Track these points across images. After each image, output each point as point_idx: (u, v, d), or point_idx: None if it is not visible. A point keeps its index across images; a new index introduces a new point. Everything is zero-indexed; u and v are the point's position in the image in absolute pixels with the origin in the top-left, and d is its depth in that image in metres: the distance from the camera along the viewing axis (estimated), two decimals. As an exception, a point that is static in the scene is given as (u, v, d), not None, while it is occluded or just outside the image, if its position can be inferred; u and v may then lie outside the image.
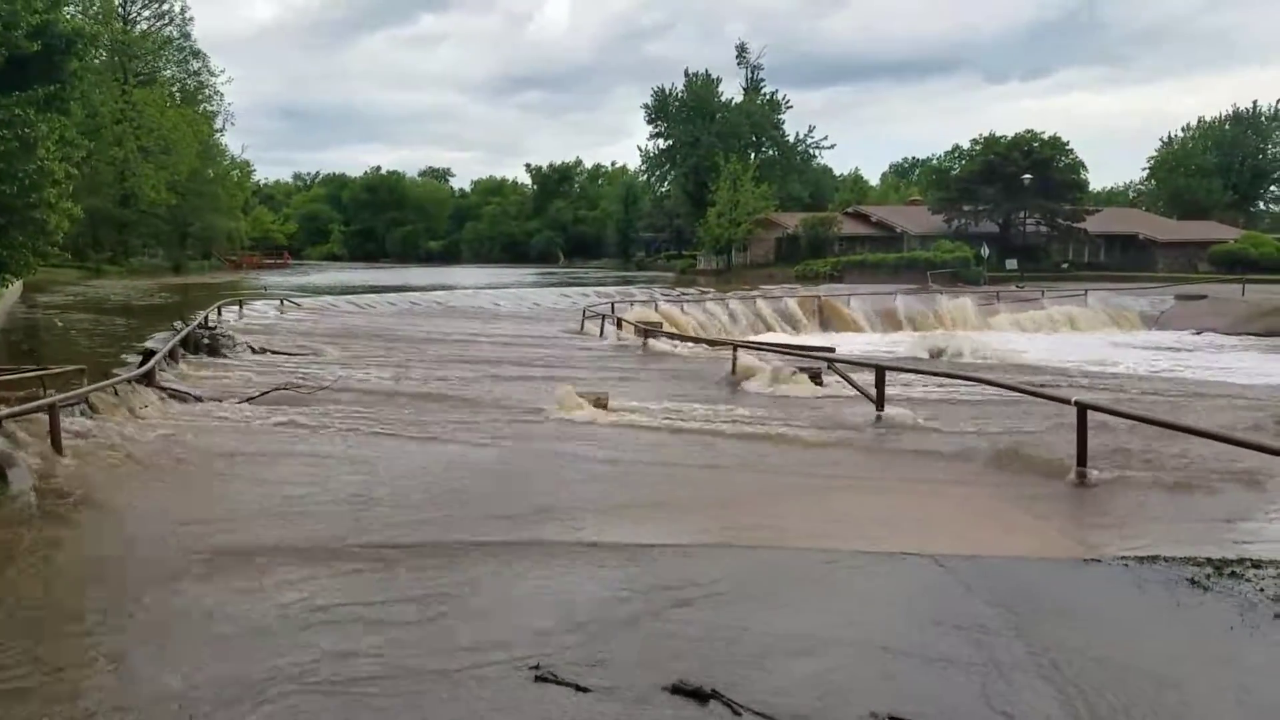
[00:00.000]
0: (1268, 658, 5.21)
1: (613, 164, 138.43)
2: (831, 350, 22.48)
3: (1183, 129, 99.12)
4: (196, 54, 74.09)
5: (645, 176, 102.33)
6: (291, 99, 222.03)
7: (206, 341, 20.51)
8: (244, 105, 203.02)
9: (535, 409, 13.96)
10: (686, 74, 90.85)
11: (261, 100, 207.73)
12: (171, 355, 17.08)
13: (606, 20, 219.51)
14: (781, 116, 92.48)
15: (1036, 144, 66.72)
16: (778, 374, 17.26)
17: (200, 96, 75.03)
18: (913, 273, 56.37)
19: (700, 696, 4.68)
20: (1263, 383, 22.29)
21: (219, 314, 27.51)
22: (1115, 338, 38.10)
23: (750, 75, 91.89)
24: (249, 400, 14.06)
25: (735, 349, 19.70)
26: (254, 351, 20.94)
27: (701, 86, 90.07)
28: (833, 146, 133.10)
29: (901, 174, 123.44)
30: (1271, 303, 41.68)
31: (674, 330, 29.97)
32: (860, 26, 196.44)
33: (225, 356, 19.89)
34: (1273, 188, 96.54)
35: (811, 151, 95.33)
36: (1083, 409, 10.04)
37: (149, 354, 16.20)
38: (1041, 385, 14.97)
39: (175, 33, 72.08)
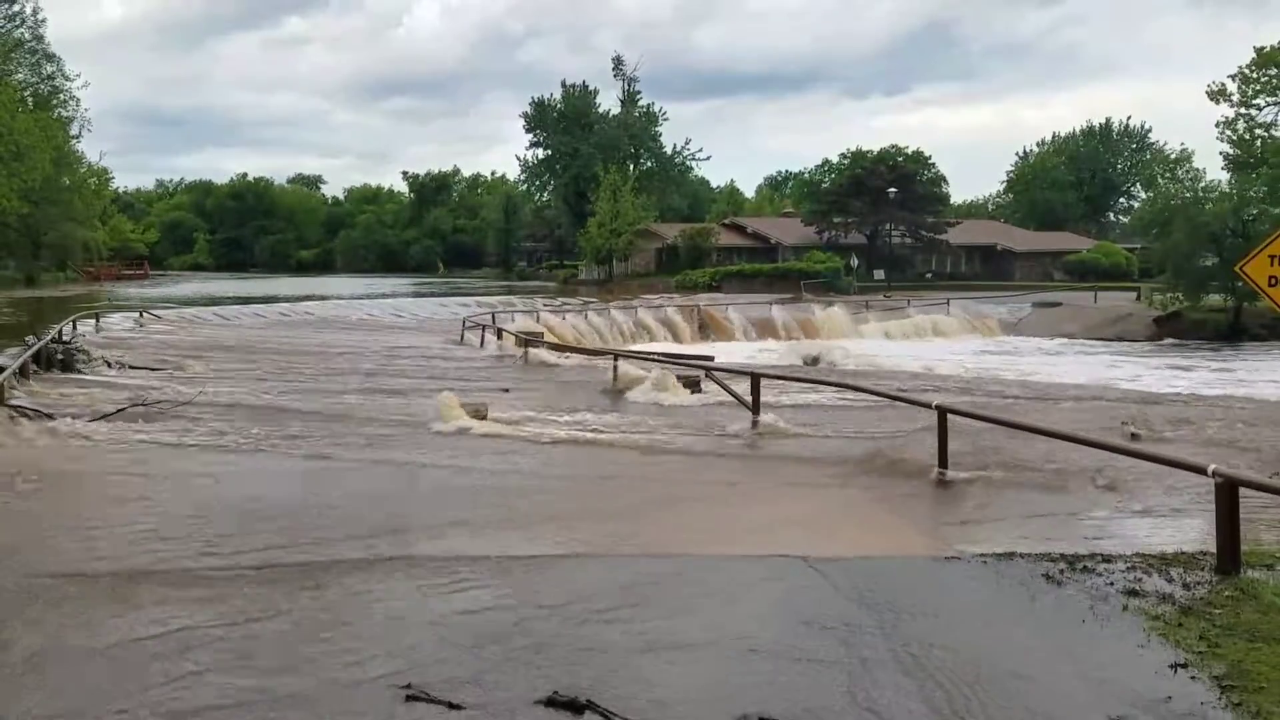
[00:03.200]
0: (1117, 647, 5.46)
1: (492, 173, 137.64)
2: (710, 359, 22.76)
3: (1038, 144, 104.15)
4: (50, 57, 70.60)
5: (525, 186, 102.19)
6: (148, 103, 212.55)
7: (60, 357, 19.54)
8: (97, 110, 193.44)
9: (411, 422, 13.73)
10: (564, 85, 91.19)
11: (115, 104, 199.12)
12: (22, 372, 16.21)
13: (475, 26, 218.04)
14: (659, 129, 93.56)
15: (901, 158, 69.31)
16: (657, 383, 17.39)
17: (55, 101, 71.42)
18: (787, 283, 57.73)
19: (575, 708, 4.65)
20: (1114, 385, 23.55)
21: (74, 328, 26.23)
22: (976, 344, 39.75)
23: (627, 87, 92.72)
24: (104, 417, 13.43)
25: (616, 358, 19.78)
26: (111, 367, 20.04)
27: (579, 98, 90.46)
28: (708, 158, 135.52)
29: (775, 186, 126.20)
30: (1122, 309, 44.11)
31: (555, 340, 29.91)
32: (728, 41, 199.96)
33: (81, 372, 18.98)
34: (1122, 199, 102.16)
35: (689, 163, 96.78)
36: (943, 412, 10.41)
37: (-4, 370, 15.32)
38: (906, 390, 15.47)
39: (27, 35, 68.56)
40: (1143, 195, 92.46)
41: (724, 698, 4.80)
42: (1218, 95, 51.54)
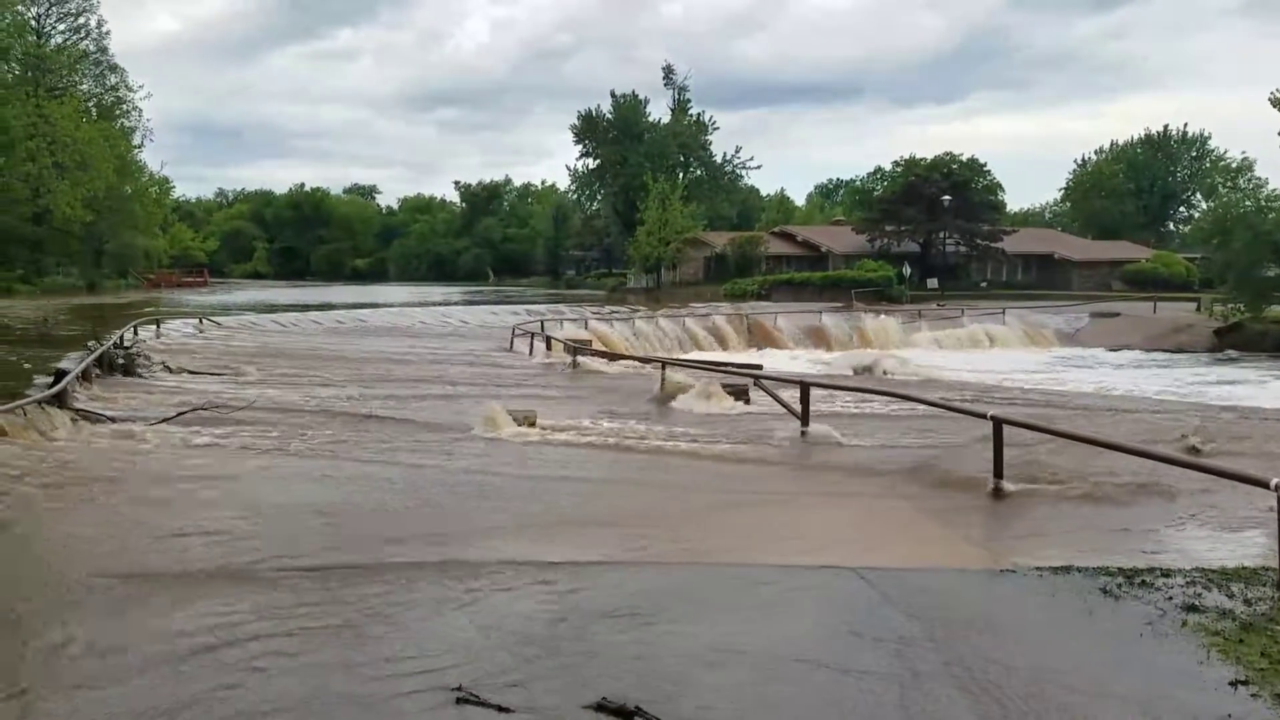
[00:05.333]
0: (1176, 663, 5.36)
1: (542, 182, 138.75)
2: (759, 368, 22.68)
3: (1095, 152, 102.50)
4: (114, 69, 72.56)
5: (575, 195, 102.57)
6: (207, 114, 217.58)
7: (122, 362, 19.95)
8: (158, 120, 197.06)
9: (461, 428, 13.83)
10: (613, 95, 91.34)
11: (171, 115, 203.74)
12: (85, 376, 16.56)
13: (523, 39, 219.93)
14: (708, 137, 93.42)
15: (955, 166, 68.49)
16: (705, 391, 17.35)
17: (118, 112, 73.28)
18: (838, 291, 57.27)
19: (623, 714, 4.66)
20: (1174, 397, 23.06)
21: (135, 333, 26.80)
22: (1033, 355, 39.12)
23: (677, 96, 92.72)
24: (164, 421, 13.70)
25: (664, 367, 19.75)
26: (171, 371, 20.43)
27: (628, 107, 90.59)
28: (759, 167, 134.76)
29: (826, 194, 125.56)
30: (1182, 320, 43.16)
31: (604, 348, 29.98)
32: (777, 50, 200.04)
33: (141, 377, 19.37)
34: (1182, 209, 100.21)
35: (738, 172, 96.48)
36: (998, 423, 10.26)
37: (61, 374, 15.68)
38: (960, 401, 15.28)
39: (92, 47, 70.47)
40: (1203, 205, 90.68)
41: (772, 708, 4.77)
42: (1280, 103, 50.31)
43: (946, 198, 63.48)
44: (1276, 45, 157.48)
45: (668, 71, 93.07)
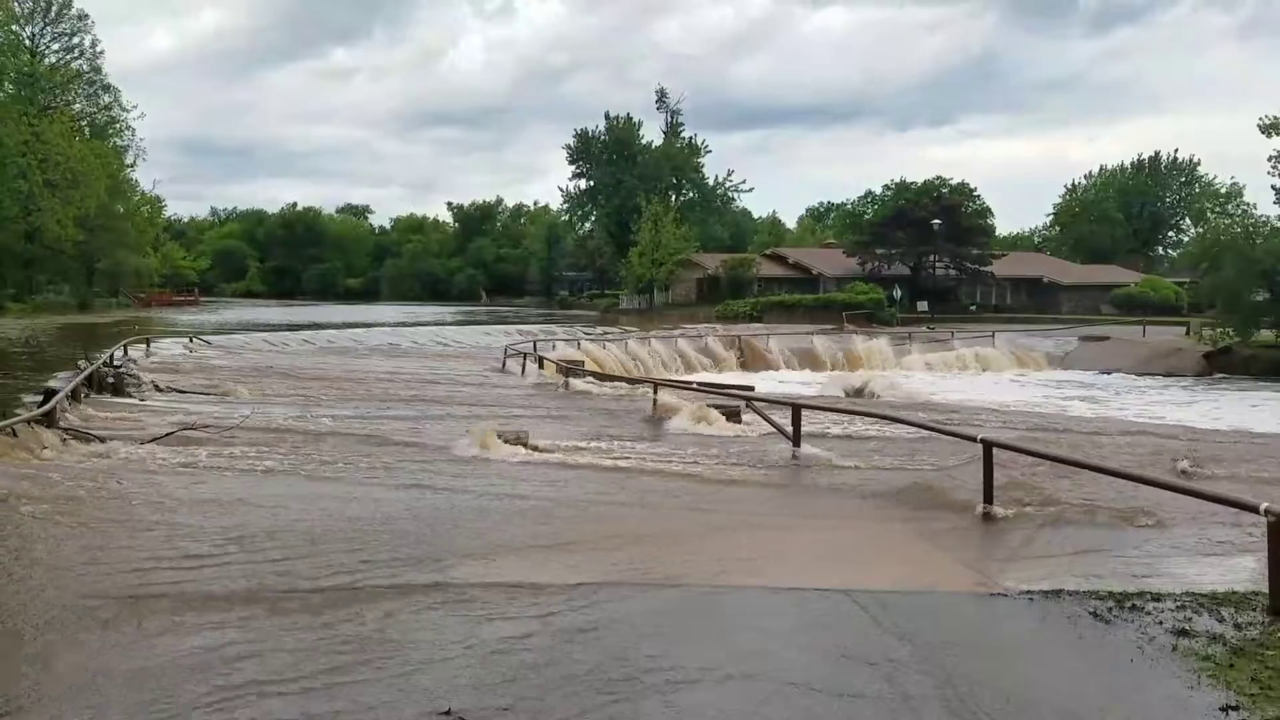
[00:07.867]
0: (1166, 688, 5.36)
1: (535, 203, 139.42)
2: (751, 389, 22.69)
3: (1085, 176, 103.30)
4: (107, 88, 72.81)
5: (568, 216, 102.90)
6: (202, 133, 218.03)
7: (111, 380, 19.91)
8: (154, 139, 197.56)
9: (452, 448, 13.81)
10: (607, 117, 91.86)
11: (165, 133, 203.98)
12: (74, 395, 16.50)
13: (519, 59, 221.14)
14: (701, 160, 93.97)
15: (945, 190, 69.00)
16: (697, 413, 17.36)
17: (111, 130, 73.45)
18: (829, 314, 57.54)
19: (613, 738, 4.64)
20: (1163, 421, 23.15)
21: (125, 352, 26.72)
22: (1022, 377, 39.25)
23: (670, 119, 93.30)
24: (154, 441, 13.65)
25: (656, 388, 19.78)
26: (161, 391, 20.37)
27: (622, 129, 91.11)
28: (751, 190, 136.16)
29: (818, 217, 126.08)
30: (1171, 344, 43.35)
31: (596, 369, 29.99)
32: (772, 73, 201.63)
33: (131, 396, 19.31)
34: (1171, 233, 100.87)
35: (731, 194, 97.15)
36: (988, 446, 10.27)
37: (50, 393, 15.63)
38: (950, 423, 15.30)
39: (85, 66, 70.69)
40: (1192, 229, 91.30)
41: (764, 731, 4.75)
42: (1270, 129, 50.79)
43: (936, 221, 63.88)
44: (1273, 69, 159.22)
45: (660, 94, 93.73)
